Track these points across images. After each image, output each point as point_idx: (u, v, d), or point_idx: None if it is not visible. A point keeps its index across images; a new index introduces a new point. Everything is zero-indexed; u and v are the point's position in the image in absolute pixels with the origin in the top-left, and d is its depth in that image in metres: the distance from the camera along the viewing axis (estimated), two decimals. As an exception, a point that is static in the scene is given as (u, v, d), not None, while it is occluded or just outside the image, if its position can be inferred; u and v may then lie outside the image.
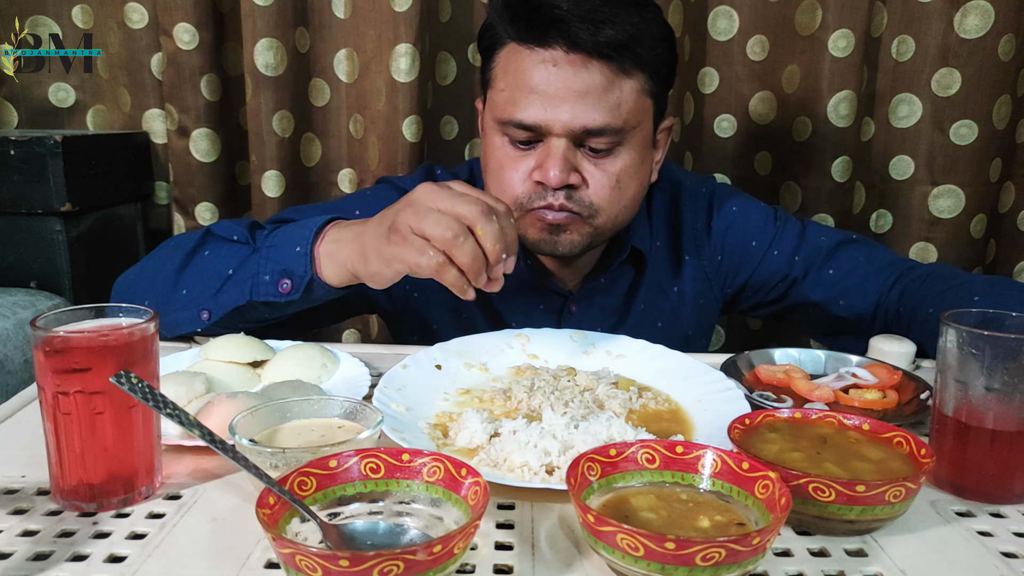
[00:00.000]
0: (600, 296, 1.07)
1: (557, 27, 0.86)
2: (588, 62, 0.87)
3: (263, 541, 0.54)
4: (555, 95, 0.88)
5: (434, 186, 0.74)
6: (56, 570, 0.51)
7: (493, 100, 0.94)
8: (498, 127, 0.93)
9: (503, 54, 0.93)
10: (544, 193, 0.92)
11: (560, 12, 0.85)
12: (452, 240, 0.70)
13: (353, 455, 0.55)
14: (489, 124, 0.95)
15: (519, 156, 0.93)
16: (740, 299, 1.15)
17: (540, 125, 0.89)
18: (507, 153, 0.93)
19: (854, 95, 1.40)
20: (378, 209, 1.04)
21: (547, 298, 1.06)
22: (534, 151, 0.92)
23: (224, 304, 0.87)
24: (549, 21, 0.86)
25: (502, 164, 0.94)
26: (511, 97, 0.90)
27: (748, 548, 0.45)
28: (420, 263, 0.72)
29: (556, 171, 0.89)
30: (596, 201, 0.93)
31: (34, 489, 0.61)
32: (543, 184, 0.91)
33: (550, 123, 0.88)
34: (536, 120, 0.89)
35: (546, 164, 0.89)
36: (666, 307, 1.09)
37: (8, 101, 1.53)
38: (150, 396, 0.54)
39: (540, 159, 0.91)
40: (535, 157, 0.92)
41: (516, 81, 0.90)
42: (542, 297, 1.05)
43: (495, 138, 0.94)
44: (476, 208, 0.71)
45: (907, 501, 0.55)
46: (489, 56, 0.95)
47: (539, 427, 0.66)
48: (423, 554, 0.43)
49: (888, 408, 0.78)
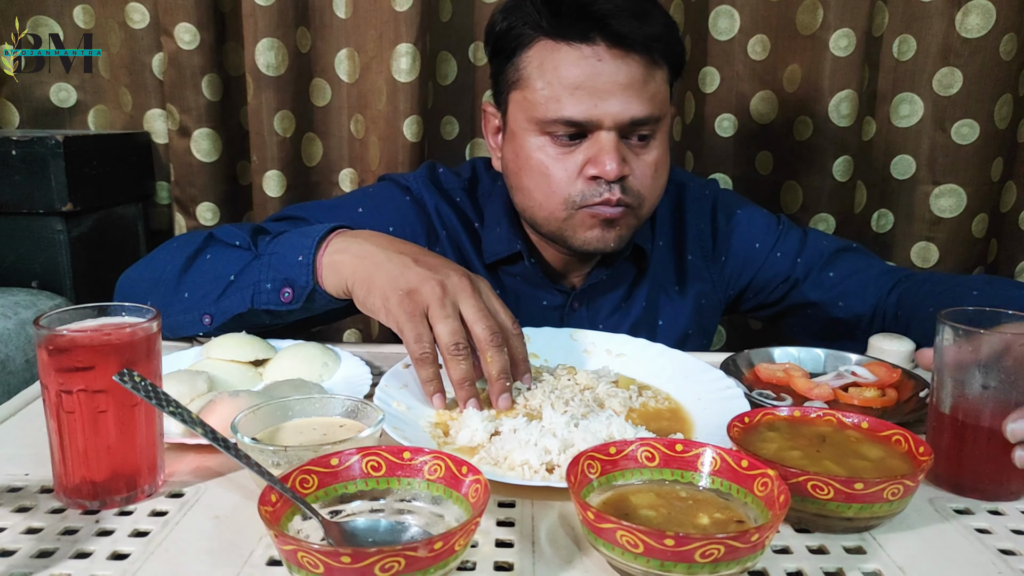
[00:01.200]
0: (603, 294, 1.07)
1: (601, 22, 0.87)
2: (627, 55, 0.88)
3: (265, 538, 0.54)
4: (603, 89, 0.88)
5: (468, 285, 0.75)
6: (60, 567, 0.51)
7: (529, 100, 0.92)
8: (537, 127, 0.92)
9: (533, 53, 0.92)
10: (600, 189, 0.91)
11: (605, 8, 0.87)
12: (452, 350, 0.72)
13: (354, 453, 0.55)
14: (523, 126, 0.94)
15: (564, 154, 0.92)
16: (742, 300, 1.16)
17: (591, 120, 0.89)
18: (549, 153, 0.92)
19: (855, 94, 1.41)
20: (380, 206, 1.06)
21: (550, 295, 1.06)
22: (579, 148, 0.91)
23: (226, 310, 0.88)
24: (593, 17, 0.87)
25: (546, 164, 0.92)
26: (554, 95, 0.90)
27: (747, 545, 0.45)
28: (411, 345, 0.73)
29: (614, 164, 0.89)
30: (642, 191, 0.94)
31: (37, 487, 0.61)
32: (597, 179, 0.91)
33: (600, 117, 0.89)
34: (587, 115, 0.89)
35: (601, 158, 0.89)
36: (668, 306, 1.10)
37: (9, 101, 1.54)
38: (153, 394, 0.54)
39: (591, 154, 0.90)
40: (582, 153, 0.91)
41: (558, 78, 0.89)
42: (545, 294, 1.06)
43: (532, 139, 0.93)
44: (492, 336, 0.73)
45: (905, 499, 0.55)
46: (511, 57, 0.94)
47: (539, 426, 0.66)
48: (424, 551, 0.44)
49: (887, 406, 0.79)
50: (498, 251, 1.03)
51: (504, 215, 1.04)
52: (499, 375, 0.74)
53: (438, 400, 0.74)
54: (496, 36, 0.96)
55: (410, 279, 0.75)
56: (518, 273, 1.05)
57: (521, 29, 0.92)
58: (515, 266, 1.05)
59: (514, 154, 0.96)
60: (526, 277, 1.05)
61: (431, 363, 0.73)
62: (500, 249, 1.03)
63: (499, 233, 1.04)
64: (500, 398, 0.74)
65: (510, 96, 0.96)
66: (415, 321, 0.73)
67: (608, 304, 1.08)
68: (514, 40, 0.93)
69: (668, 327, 1.10)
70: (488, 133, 1.04)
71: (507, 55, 0.95)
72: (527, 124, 0.93)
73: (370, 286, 0.77)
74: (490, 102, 1.03)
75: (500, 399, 0.74)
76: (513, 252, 1.02)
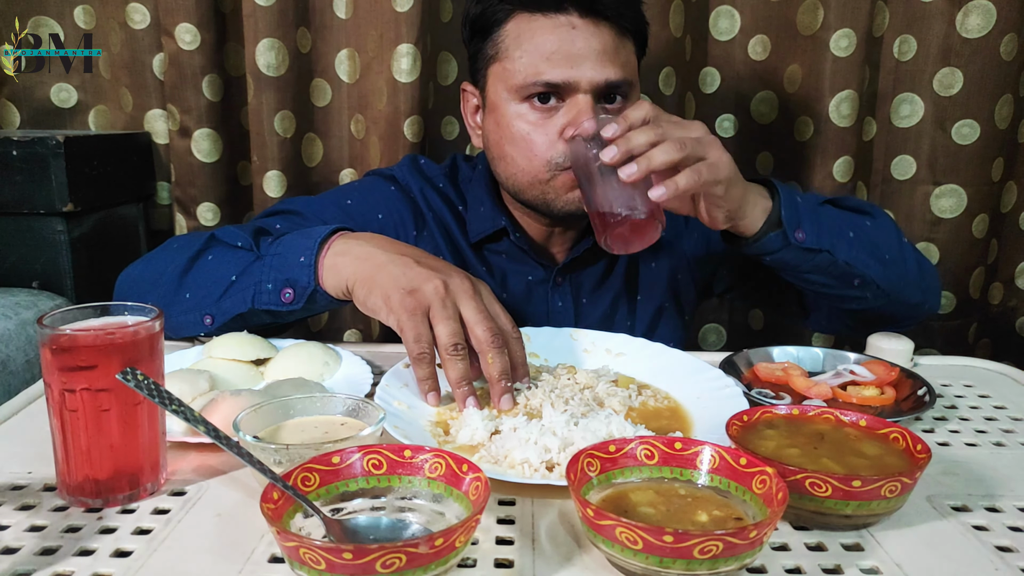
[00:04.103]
0: (584, 267, 1.10)
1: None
2: (599, 24, 0.92)
3: (267, 536, 0.55)
4: (578, 54, 0.91)
5: (470, 287, 0.77)
6: (63, 565, 0.52)
7: (508, 70, 0.95)
8: (516, 94, 0.95)
9: (510, 27, 0.95)
10: None
11: None
12: (451, 351, 0.73)
13: (356, 451, 0.55)
14: (502, 96, 0.96)
15: (543, 120, 0.94)
16: (715, 280, 1.17)
17: (569, 82, 0.92)
18: (529, 119, 0.95)
19: (856, 95, 1.41)
20: (367, 197, 1.08)
21: (535, 270, 1.08)
22: (558, 112, 0.94)
23: (227, 310, 0.88)
24: None
25: (526, 130, 0.95)
26: (531, 62, 0.93)
27: (745, 542, 0.46)
28: (410, 343, 0.74)
29: (592, 123, 0.90)
30: None
31: (41, 485, 0.62)
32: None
33: (578, 79, 0.91)
34: (565, 78, 0.91)
35: (579, 119, 0.91)
36: (645, 280, 1.12)
37: (10, 101, 1.54)
38: (156, 393, 0.55)
39: (569, 116, 0.93)
40: (562, 116, 0.93)
41: (535, 46, 0.93)
42: (530, 270, 1.08)
43: (512, 107, 0.96)
44: (492, 338, 0.74)
45: (903, 496, 0.56)
46: (488, 35, 0.98)
47: (539, 424, 0.67)
48: (425, 547, 0.44)
49: (885, 405, 0.79)
50: (483, 229, 1.05)
51: (487, 195, 1.06)
52: (500, 376, 0.74)
53: (432, 398, 0.76)
54: (472, 19, 1.00)
55: (412, 278, 0.76)
56: (503, 251, 1.08)
57: (497, 7, 0.96)
58: (500, 243, 1.07)
59: (495, 124, 0.99)
60: (510, 254, 1.07)
61: (428, 363, 0.74)
62: (484, 227, 1.05)
63: (483, 212, 1.06)
64: (502, 399, 0.75)
65: (489, 71, 0.99)
66: (416, 320, 0.74)
67: (590, 278, 1.10)
68: (490, 18, 0.97)
69: (646, 301, 1.13)
70: (467, 113, 1.07)
71: (484, 34, 0.99)
72: (507, 94, 0.96)
73: (371, 286, 0.78)
74: (468, 82, 1.05)
75: (502, 400, 0.75)
76: (497, 228, 1.05)
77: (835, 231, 0.93)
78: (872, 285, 0.96)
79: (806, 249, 0.90)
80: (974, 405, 0.83)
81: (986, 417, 0.80)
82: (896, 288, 0.99)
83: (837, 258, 0.92)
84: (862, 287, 0.96)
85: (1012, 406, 0.83)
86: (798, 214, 0.90)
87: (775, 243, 0.90)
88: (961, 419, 0.79)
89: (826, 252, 0.91)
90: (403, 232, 1.06)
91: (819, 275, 0.95)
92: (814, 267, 0.93)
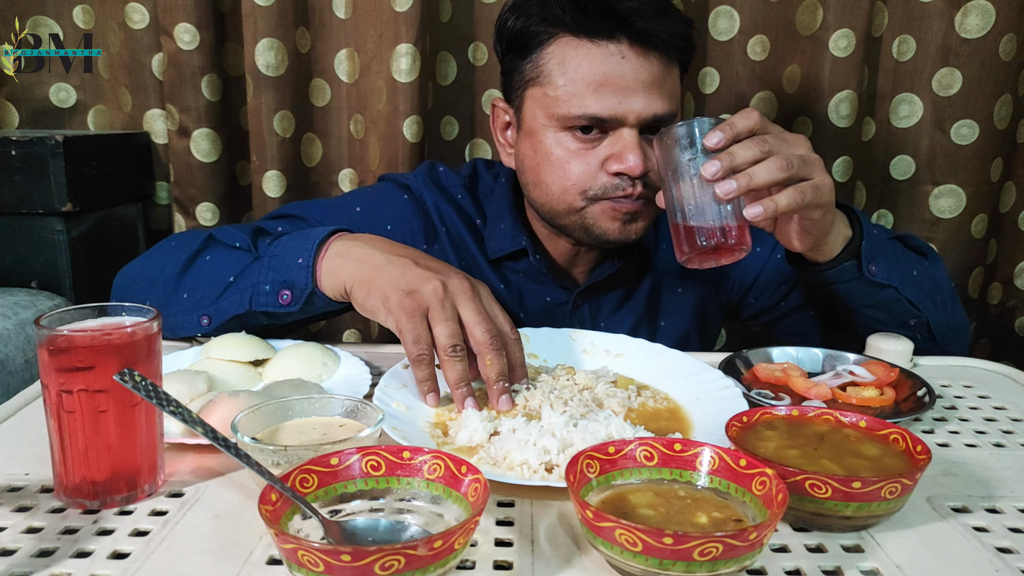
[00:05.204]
0: (605, 291, 1.08)
1: (626, 20, 0.88)
2: (648, 53, 0.90)
3: (265, 537, 0.55)
4: (627, 86, 0.89)
5: (469, 288, 0.76)
6: (60, 566, 0.51)
7: (550, 96, 0.92)
8: (557, 123, 0.93)
9: (554, 49, 0.92)
10: (622, 184, 0.92)
11: (629, 6, 0.88)
12: (450, 352, 0.73)
13: (354, 453, 0.55)
14: (541, 122, 0.94)
15: (584, 151, 0.93)
16: (743, 305, 1.16)
17: (615, 117, 0.90)
18: (570, 148, 0.93)
19: (855, 95, 1.41)
20: (378, 205, 1.06)
21: (554, 292, 1.06)
22: (600, 143, 0.92)
23: (224, 311, 0.88)
24: (618, 14, 0.88)
25: (566, 159, 0.93)
26: (577, 92, 0.90)
27: (745, 543, 0.45)
28: (408, 345, 0.73)
29: (638, 160, 0.90)
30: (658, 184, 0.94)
31: (38, 487, 0.62)
32: (620, 175, 0.92)
33: (625, 114, 0.89)
34: (612, 112, 0.89)
35: (625, 155, 0.90)
36: (670, 307, 1.10)
37: (9, 101, 1.54)
38: (153, 394, 0.54)
39: (613, 150, 0.91)
40: (604, 148, 0.92)
41: (582, 75, 0.90)
42: (549, 291, 1.06)
43: (552, 134, 0.94)
44: (491, 339, 0.74)
45: (903, 497, 0.55)
46: (528, 54, 0.94)
47: (538, 425, 0.67)
48: (424, 549, 0.44)
49: (885, 405, 0.79)
50: (502, 247, 1.04)
51: (508, 212, 1.04)
52: (498, 378, 0.74)
53: (431, 399, 0.75)
54: (510, 34, 0.96)
55: (411, 280, 0.76)
56: (522, 269, 1.06)
57: (538, 26, 0.93)
58: (519, 262, 1.05)
59: (532, 150, 0.97)
60: (530, 273, 1.05)
61: (427, 364, 0.74)
62: (504, 245, 1.04)
63: (503, 229, 1.04)
64: (500, 400, 0.75)
65: (526, 93, 0.96)
66: (415, 321, 0.73)
67: (611, 302, 1.08)
68: (531, 37, 0.94)
69: (670, 328, 1.10)
70: (497, 129, 1.04)
71: (522, 52, 0.95)
72: (546, 120, 0.94)
73: (370, 287, 0.78)
74: (501, 99, 1.03)
75: (500, 401, 0.75)
76: (518, 248, 1.03)
77: (903, 269, 0.92)
78: (925, 327, 0.95)
79: (875, 283, 0.89)
80: (974, 406, 0.83)
81: (986, 418, 0.80)
82: (944, 335, 0.98)
83: (903, 295, 0.91)
84: (915, 328, 0.95)
85: (1012, 407, 0.83)
86: (874, 247, 0.88)
87: (848, 273, 0.88)
88: (961, 420, 0.79)
89: (893, 288, 0.90)
90: (412, 243, 1.04)
91: (878, 310, 0.94)
92: (876, 302, 0.92)
